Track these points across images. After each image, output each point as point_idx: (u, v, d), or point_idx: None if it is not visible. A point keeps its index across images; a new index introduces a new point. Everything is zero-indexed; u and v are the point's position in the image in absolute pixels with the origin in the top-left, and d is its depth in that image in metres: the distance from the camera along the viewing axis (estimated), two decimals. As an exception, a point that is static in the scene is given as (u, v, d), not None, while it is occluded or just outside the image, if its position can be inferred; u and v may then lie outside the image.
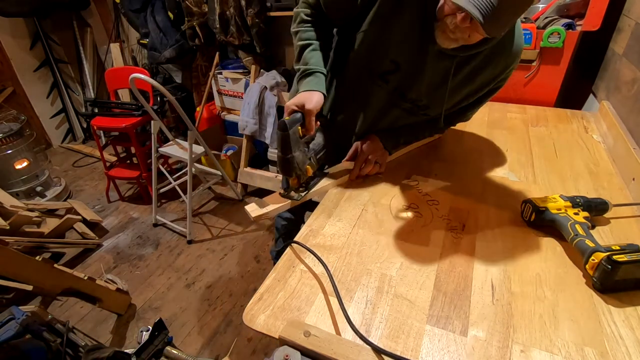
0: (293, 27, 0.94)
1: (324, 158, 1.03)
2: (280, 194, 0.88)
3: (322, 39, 0.91)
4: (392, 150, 1.02)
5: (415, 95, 0.91)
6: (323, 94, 0.85)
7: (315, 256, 0.70)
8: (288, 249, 0.75)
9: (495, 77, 0.88)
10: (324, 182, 0.94)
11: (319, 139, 1.02)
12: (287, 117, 0.79)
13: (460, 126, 1.25)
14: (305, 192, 0.89)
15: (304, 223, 0.83)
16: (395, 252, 0.72)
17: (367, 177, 0.98)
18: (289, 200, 0.85)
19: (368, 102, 0.96)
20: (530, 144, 1.12)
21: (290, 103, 0.82)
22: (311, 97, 0.82)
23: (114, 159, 2.69)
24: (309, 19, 0.90)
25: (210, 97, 2.62)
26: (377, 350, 0.52)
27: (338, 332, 0.57)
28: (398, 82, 0.89)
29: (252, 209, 0.83)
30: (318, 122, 0.85)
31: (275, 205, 0.83)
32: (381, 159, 0.98)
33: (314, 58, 0.88)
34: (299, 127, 0.81)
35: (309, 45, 0.89)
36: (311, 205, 0.91)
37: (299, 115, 0.80)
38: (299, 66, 0.90)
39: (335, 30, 0.98)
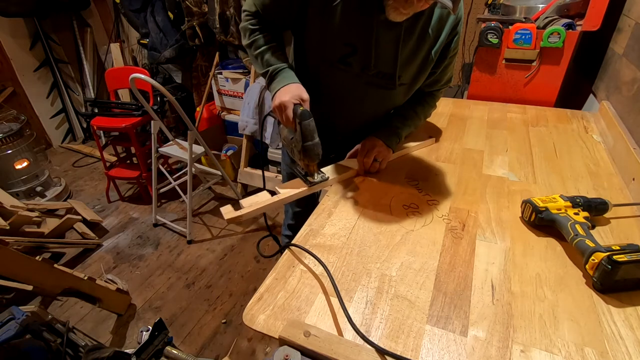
0: (244, 41, 0.95)
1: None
2: (302, 180, 0.90)
3: (275, 41, 0.93)
4: (395, 146, 1.02)
5: (380, 67, 0.91)
6: (299, 83, 0.87)
7: (314, 257, 0.70)
8: (287, 251, 0.75)
9: (449, 26, 0.91)
10: (332, 171, 0.96)
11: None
12: (301, 108, 0.80)
13: (460, 126, 1.26)
14: (322, 174, 0.92)
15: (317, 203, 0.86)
16: (395, 252, 0.72)
17: (369, 175, 0.98)
18: (266, 202, 0.84)
19: (343, 91, 0.96)
20: (530, 144, 1.12)
21: (287, 100, 0.82)
22: (298, 87, 0.85)
23: (114, 159, 2.69)
24: (256, 27, 0.92)
25: (210, 97, 2.62)
26: (379, 350, 0.52)
27: (339, 332, 0.57)
28: (360, 62, 0.90)
29: (227, 210, 0.81)
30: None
31: (249, 208, 0.81)
32: (382, 156, 0.98)
33: (275, 58, 0.90)
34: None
35: (265, 50, 0.91)
36: (311, 204, 0.92)
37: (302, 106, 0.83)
38: (264, 70, 0.91)
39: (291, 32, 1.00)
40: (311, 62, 0.95)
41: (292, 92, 0.83)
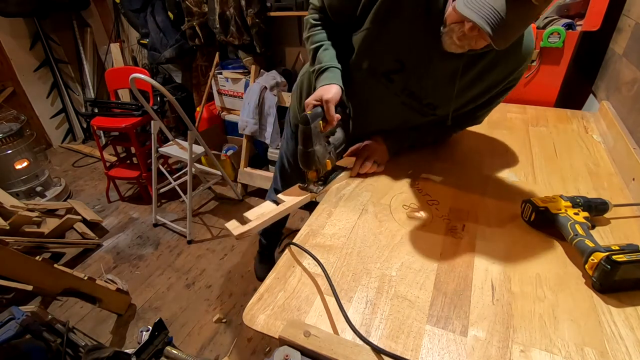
0: (304, 34, 0.96)
1: (342, 153, 1.05)
2: (299, 186, 0.90)
3: (333, 39, 0.93)
4: (394, 153, 1.02)
5: (423, 94, 0.90)
6: (340, 86, 0.86)
7: (313, 258, 0.69)
8: (287, 251, 0.75)
9: (505, 77, 0.87)
10: (341, 177, 0.95)
11: (339, 134, 1.02)
12: (308, 112, 0.80)
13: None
14: (323, 186, 0.91)
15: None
16: (395, 252, 0.72)
17: (367, 176, 0.98)
18: (272, 212, 0.81)
19: (375, 102, 0.96)
20: (530, 144, 1.12)
21: (310, 99, 0.83)
22: (329, 89, 0.84)
23: (114, 159, 2.69)
24: (317, 22, 0.93)
25: (210, 97, 2.62)
26: (377, 351, 0.52)
27: (337, 332, 0.57)
28: (404, 81, 0.89)
29: (234, 226, 0.76)
30: (339, 116, 0.85)
31: (257, 221, 0.78)
32: (380, 159, 0.98)
33: (327, 56, 0.90)
34: (320, 122, 0.82)
35: (320, 46, 0.91)
36: (311, 205, 0.91)
37: (320, 109, 0.82)
38: (314, 67, 0.91)
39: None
40: (354, 67, 0.93)
41: (321, 92, 0.83)
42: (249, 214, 0.80)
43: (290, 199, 0.85)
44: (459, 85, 0.86)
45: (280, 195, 0.87)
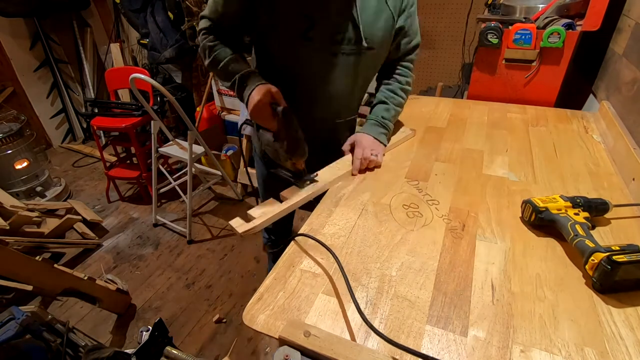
0: (206, 61, 0.96)
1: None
2: (295, 184, 0.90)
3: (236, 52, 0.94)
4: (386, 139, 1.03)
5: (341, 32, 0.90)
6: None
7: (324, 246, 0.70)
8: (292, 244, 0.75)
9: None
10: (328, 173, 0.95)
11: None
12: (280, 107, 0.81)
13: (460, 126, 1.26)
14: (316, 175, 0.92)
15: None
16: (395, 252, 0.72)
17: (367, 172, 0.98)
18: (277, 210, 0.82)
19: (311, 71, 0.95)
20: (530, 144, 1.12)
21: (260, 99, 0.82)
22: (266, 85, 0.85)
23: (114, 159, 2.69)
24: (214, 43, 0.93)
25: (210, 97, 2.62)
26: (387, 341, 0.52)
27: (339, 333, 0.57)
28: (320, 32, 0.89)
29: (238, 223, 0.77)
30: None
31: (262, 218, 0.79)
32: (376, 151, 0.99)
33: (239, 65, 0.91)
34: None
35: (227, 62, 0.91)
36: (311, 204, 0.91)
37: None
38: (231, 80, 0.91)
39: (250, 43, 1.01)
40: (276, 54, 0.94)
41: (262, 91, 0.83)
42: (252, 211, 0.81)
43: (257, 220, 0.83)
44: (364, 8, 0.88)
45: (282, 194, 0.88)
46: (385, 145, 1.04)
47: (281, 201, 0.86)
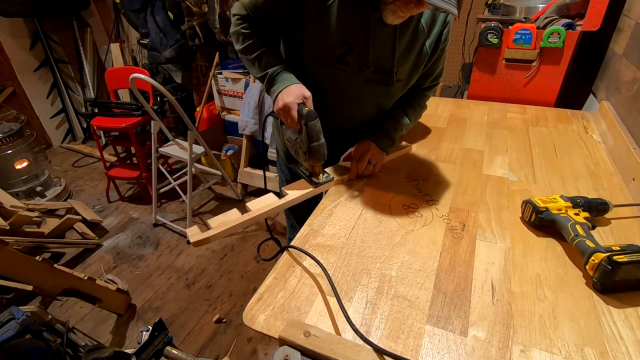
0: (237, 46, 0.94)
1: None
2: (307, 181, 0.91)
3: (270, 44, 0.93)
4: (388, 148, 1.02)
5: (377, 64, 0.92)
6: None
7: (312, 259, 0.69)
8: (285, 253, 0.74)
9: (441, 19, 0.93)
10: (332, 172, 0.96)
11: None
12: (306, 109, 0.81)
13: (460, 126, 1.26)
14: (326, 175, 0.93)
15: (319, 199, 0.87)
16: (395, 252, 0.72)
17: (365, 178, 0.98)
18: (236, 222, 0.79)
19: (340, 91, 0.96)
20: (530, 144, 1.12)
21: (290, 101, 0.82)
22: (299, 87, 0.85)
23: (114, 159, 2.69)
24: (249, 31, 0.91)
25: (210, 97, 2.62)
26: (378, 351, 0.52)
27: (338, 332, 0.57)
28: (357, 59, 0.90)
29: (193, 232, 0.74)
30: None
31: (218, 229, 0.76)
32: (376, 159, 0.98)
33: (272, 60, 0.90)
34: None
35: (262, 54, 0.91)
36: (314, 200, 0.92)
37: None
38: (262, 74, 0.91)
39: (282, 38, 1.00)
40: (308, 65, 0.95)
41: (294, 92, 0.83)
42: (211, 221, 0.78)
43: (293, 192, 0.87)
44: (401, 43, 0.90)
45: (284, 189, 0.88)
46: (386, 154, 1.03)
47: (281, 197, 0.87)
